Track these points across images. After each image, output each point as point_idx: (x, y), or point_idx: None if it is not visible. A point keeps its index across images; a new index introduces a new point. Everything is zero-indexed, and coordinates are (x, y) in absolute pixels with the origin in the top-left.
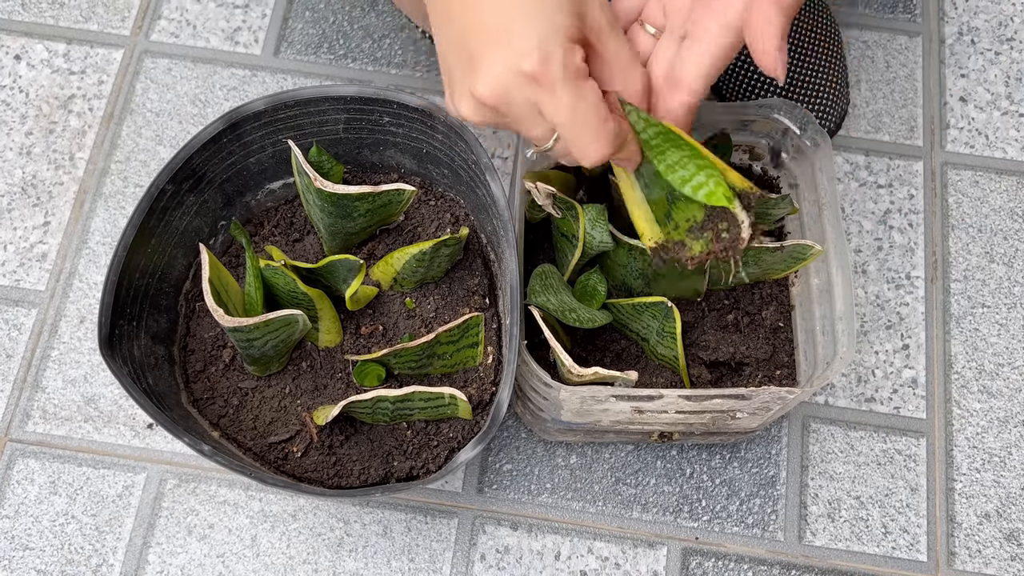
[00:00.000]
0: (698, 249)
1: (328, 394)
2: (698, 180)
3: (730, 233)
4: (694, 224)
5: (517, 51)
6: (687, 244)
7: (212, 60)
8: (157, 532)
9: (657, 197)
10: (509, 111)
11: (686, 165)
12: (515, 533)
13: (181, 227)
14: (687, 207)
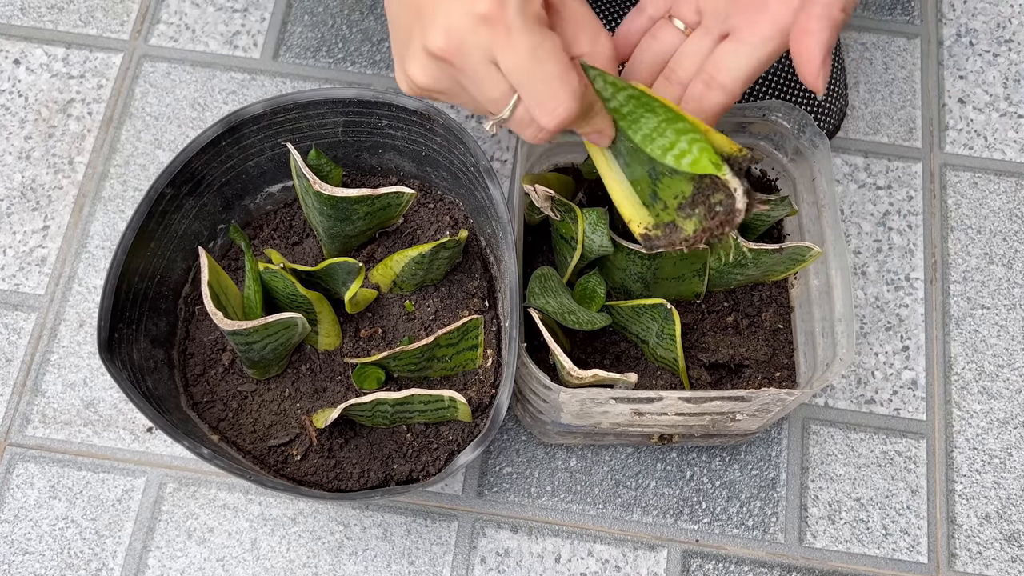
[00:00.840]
0: (691, 228)
1: (327, 397)
2: (680, 147)
3: (724, 205)
4: (683, 200)
5: (424, 29)
6: (679, 225)
7: (211, 64)
8: (157, 536)
9: (639, 176)
10: (464, 64)
11: (664, 132)
12: (515, 536)
13: (180, 231)
14: (673, 182)
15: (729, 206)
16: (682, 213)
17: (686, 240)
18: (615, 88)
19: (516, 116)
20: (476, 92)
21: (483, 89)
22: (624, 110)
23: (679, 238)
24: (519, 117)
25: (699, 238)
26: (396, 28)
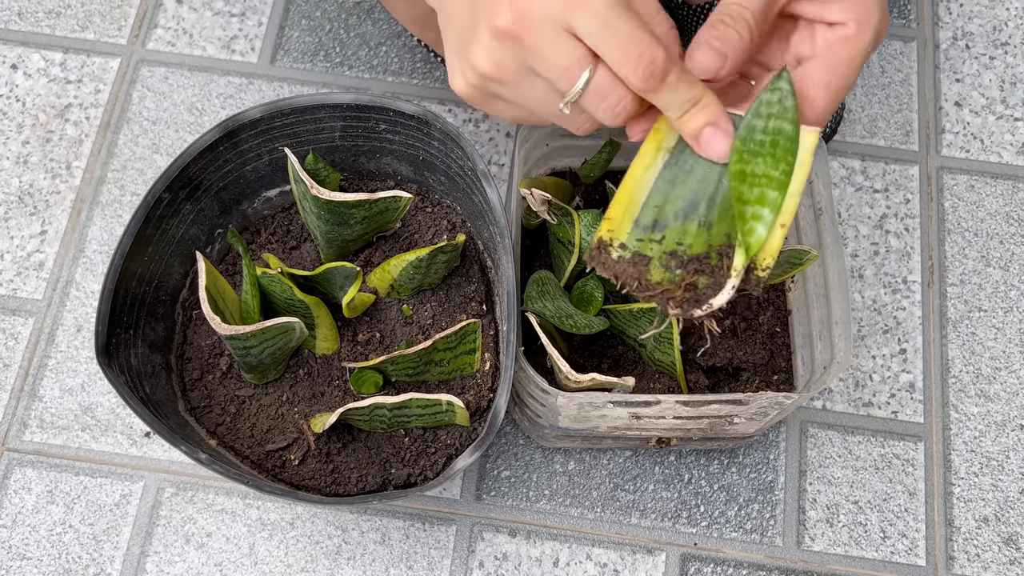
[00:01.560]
0: (657, 278)
1: (325, 401)
2: (760, 214)
3: (703, 292)
4: (681, 252)
5: (489, 10)
6: (649, 266)
7: (208, 68)
8: (155, 541)
9: (678, 195)
10: (535, 36)
11: (755, 186)
12: (513, 540)
13: (178, 235)
14: (696, 231)
15: (704, 296)
16: (665, 260)
17: (638, 282)
18: (780, 112)
19: (593, 86)
20: (546, 67)
21: (555, 60)
22: (760, 137)
23: (634, 275)
24: (597, 87)
25: (651, 293)
26: (453, 26)
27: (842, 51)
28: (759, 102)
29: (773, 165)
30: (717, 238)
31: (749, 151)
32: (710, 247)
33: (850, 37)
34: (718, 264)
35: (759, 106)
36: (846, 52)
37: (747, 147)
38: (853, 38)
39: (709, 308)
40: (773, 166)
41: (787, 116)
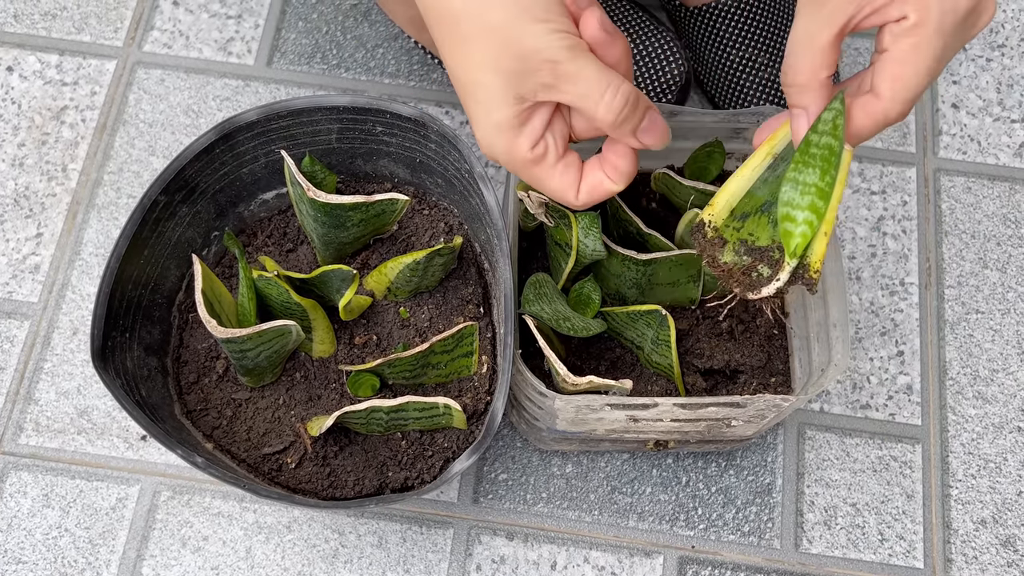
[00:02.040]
0: (726, 259)
1: (322, 405)
2: (798, 216)
3: (757, 279)
4: (751, 242)
5: (480, 143)
6: (724, 248)
7: (205, 71)
8: (151, 545)
9: (763, 194)
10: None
11: (805, 193)
12: (511, 543)
13: (174, 238)
14: (764, 228)
15: (758, 283)
16: (737, 246)
17: (713, 260)
18: (832, 130)
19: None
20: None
21: (549, 190)
22: (813, 150)
23: (711, 253)
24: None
25: (719, 270)
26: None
27: (905, 41)
28: (819, 119)
29: (820, 177)
30: (773, 233)
31: (803, 161)
32: (773, 242)
33: (911, 27)
34: (777, 259)
35: (818, 123)
36: (908, 41)
37: (802, 158)
38: (914, 27)
39: (758, 294)
40: (820, 178)
41: (836, 134)
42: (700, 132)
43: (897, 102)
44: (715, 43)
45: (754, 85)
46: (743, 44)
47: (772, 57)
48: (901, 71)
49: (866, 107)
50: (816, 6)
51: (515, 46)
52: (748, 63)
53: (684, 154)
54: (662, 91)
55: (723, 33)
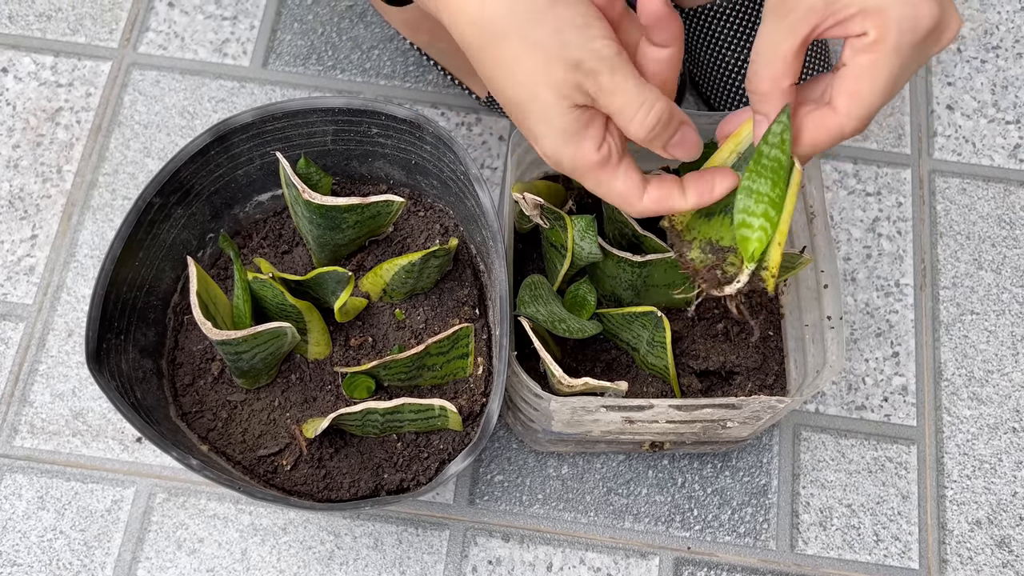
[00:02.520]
0: (692, 255)
1: (318, 406)
2: (754, 223)
3: (722, 277)
4: (715, 240)
5: (547, 155)
6: (693, 244)
7: (200, 72)
8: (146, 547)
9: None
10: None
11: (759, 202)
12: (507, 544)
13: (169, 240)
14: (727, 227)
15: (722, 281)
16: (703, 244)
17: (679, 255)
18: (780, 144)
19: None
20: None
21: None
22: (765, 161)
23: (679, 249)
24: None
25: (686, 267)
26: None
27: (864, 57)
28: (769, 131)
29: (771, 188)
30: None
31: (756, 172)
32: (735, 242)
33: (870, 44)
34: (732, 258)
35: (768, 135)
36: (867, 57)
37: (755, 168)
38: (873, 44)
39: (721, 292)
40: (771, 189)
41: (783, 148)
42: None
43: (853, 118)
44: (710, 45)
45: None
46: (738, 46)
47: None
48: (857, 87)
49: (823, 120)
50: (780, 14)
51: (562, 57)
52: (743, 65)
53: None
54: None
55: (718, 35)
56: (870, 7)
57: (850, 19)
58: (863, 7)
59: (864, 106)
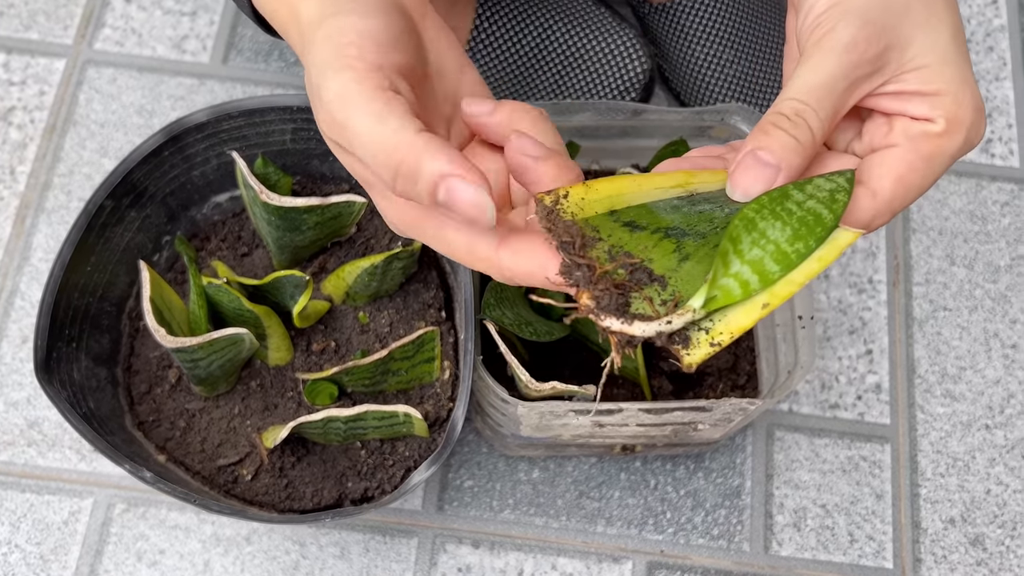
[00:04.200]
0: (595, 255)
1: (279, 413)
2: (734, 265)
3: (629, 305)
4: (639, 257)
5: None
6: (598, 244)
7: (158, 69)
8: (105, 559)
9: (670, 220)
10: None
11: (756, 244)
12: (477, 551)
13: (123, 244)
14: (666, 253)
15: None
16: (617, 252)
17: (572, 245)
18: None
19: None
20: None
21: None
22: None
23: (571, 239)
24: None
25: (579, 260)
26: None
27: (924, 146)
28: (810, 181)
29: (790, 240)
30: (683, 274)
31: (771, 210)
32: (670, 275)
33: (937, 134)
34: (666, 298)
35: (807, 183)
36: (928, 147)
37: (772, 206)
38: (940, 136)
39: (624, 325)
40: (789, 241)
41: (832, 207)
42: (664, 131)
43: (890, 209)
44: (680, 39)
45: (720, 82)
46: (708, 40)
47: (738, 53)
48: (908, 176)
49: (857, 201)
50: (839, 50)
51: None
52: (713, 60)
53: (648, 153)
54: (625, 89)
55: (688, 29)
56: (947, 92)
57: (913, 97)
58: (940, 89)
59: (907, 199)
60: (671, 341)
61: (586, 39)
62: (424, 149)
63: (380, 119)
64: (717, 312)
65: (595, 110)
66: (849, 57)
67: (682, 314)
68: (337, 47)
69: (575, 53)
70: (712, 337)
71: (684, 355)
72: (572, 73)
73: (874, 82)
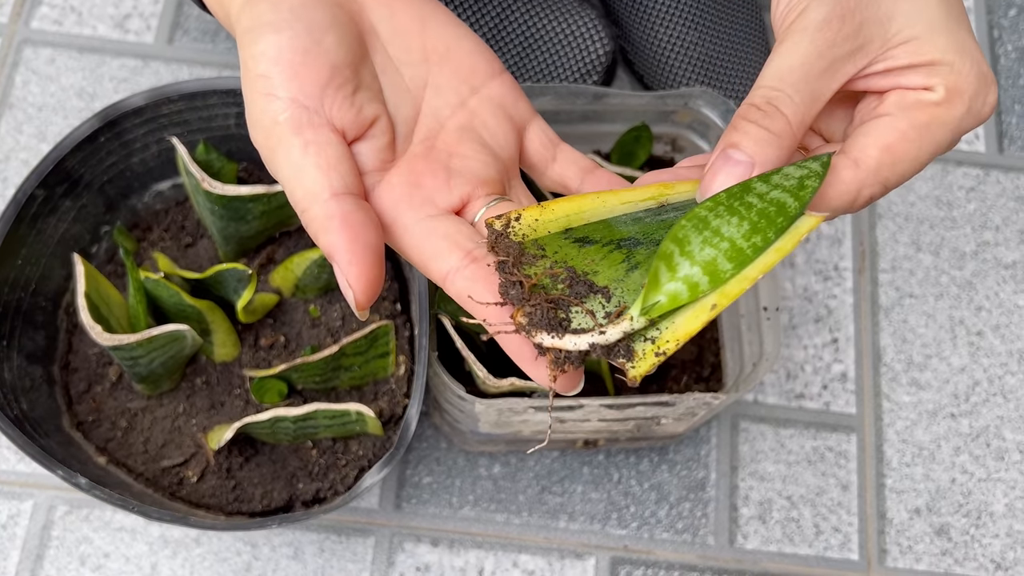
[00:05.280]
0: (532, 272)
1: (226, 412)
2: (682, 268)
3: (551, 318)
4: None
5: None
6: (537, 263)
7: (100, 50)
8: (46, 564)
9: (627, 231)
10: None
11: (708, 243)
12: (436, 549)
13: (57, 235)
14: (613, 263)
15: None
16: (557, 268)
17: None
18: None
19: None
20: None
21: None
22: (750, 198)
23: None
24: None
25: (510, 277)
26: None
27: (919, 114)
28: (779, 170)
29: (746, 235)
30: (630, 283)
31: (728, 206)
32: (615, 285)
33: (934, 102)
34: (611, 309)
35: (774, 173)
36: (923, 116)
37: (729, 202)
38: (938, 105)
39: (555, 340)
40: (746, 236)
41: (798, 194)
42: (626, 115)
43: (878, 180)
44: (643, 20)
45: (684, 64)
46: (672, 21)
47: (703, 35)
48: (900, 145)
49: (837, 173)
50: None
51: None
52: (678, 41)
53: (611, 138)
54: (586, 72)
55: (651, 10)
56: (944, 61)
57: (906, 70)
58: (935, 59)
59: (897, 170)
60: (612, 354)
61: (546, 19)
62: (324, 221)
63: (297, 169)
64: (664, 319)
65: (555, 94)
66: (823, 35)
67: (617, 323)
68: (253, 79)
69: (534, 34)
70: (658, 346)
71: (628, 368)
72: (531, 55)
73: (858, 62)
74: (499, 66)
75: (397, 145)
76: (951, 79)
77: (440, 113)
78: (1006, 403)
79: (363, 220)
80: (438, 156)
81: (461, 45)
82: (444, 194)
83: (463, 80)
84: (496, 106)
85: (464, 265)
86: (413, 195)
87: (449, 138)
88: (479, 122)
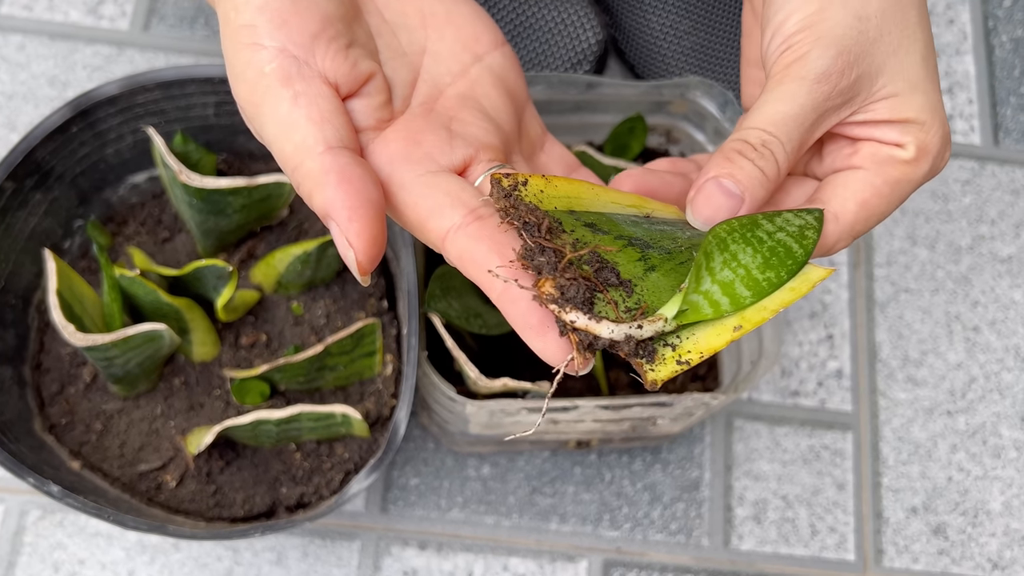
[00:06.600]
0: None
1: (206, 413)
2: (706, 282)
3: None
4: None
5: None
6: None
7: (73, 36)
8: (18, 572)
9: (632, 232)
10: None
11: (727, 266)
12: (423, 553)
13: (27, 230)
14: (632, 259)
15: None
16: (581, 247)
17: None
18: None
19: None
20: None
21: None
22: (760, 233)
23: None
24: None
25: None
26: None
27: (891, 171)
28: (779, 214)
29: (760, 267)
30: (649, 284)
31: (742, 235)
32: (636, 282)
33: (905, 160)
34: (631, 305)
35: (776, 216)
36: (895, 173)
37: (742, 231)
38: (908, 163)
39: (591, 322)
40: (760, 268)
41: (802, 242)
42: (620, 105)
43: (851, 233)
44: (634, 8)
45: (677, 53)
46: (664, 9)
47: (695, 23)
48: (872, 201)
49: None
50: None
51: None
52: (670, 30)
53: (604, 129)
54: (577, 61)
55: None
56: (918, 120)
57: (883, 125)
58: (910, 117)
59: (868, 224)
60: (637, 352)
61: (535, 7)
62: (320, 176)
63: (287, 123)
64: (685, 328)
65: (546, 83)
66: (821, 88)
67: (653, 321)
68: (235, 31)
69: (524, 23)
70: (679, 355)
71: (648, 370)
72: (521, 44)
73: (842, 113)
74: (501, 36)
75: (394, 106)
76: (921, 138)
77: (440, 80)
78: (1002, 400)
79: (361, 175)
80: (438, 118)
81: (460, 10)
82: (446, 153)
83: (465, 47)
84: (497, 78)
85: (467, 222)
86: (412, 151)
87: (449, 103)
88: (481, 92)
